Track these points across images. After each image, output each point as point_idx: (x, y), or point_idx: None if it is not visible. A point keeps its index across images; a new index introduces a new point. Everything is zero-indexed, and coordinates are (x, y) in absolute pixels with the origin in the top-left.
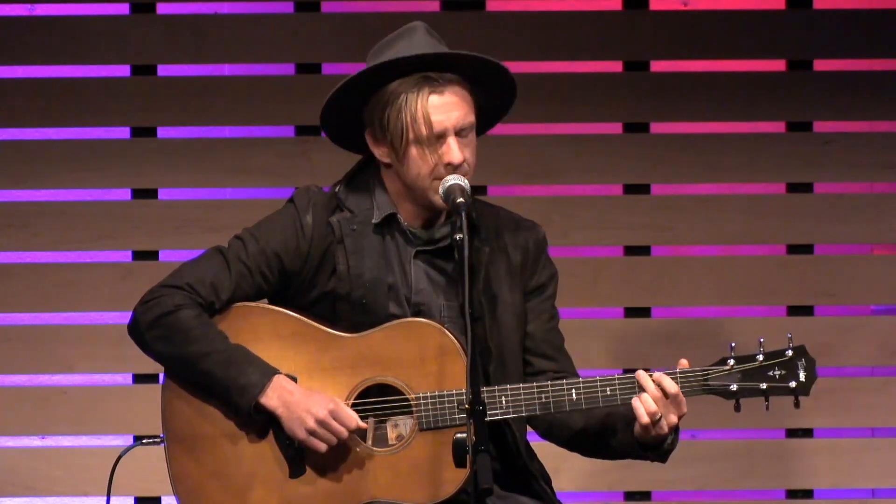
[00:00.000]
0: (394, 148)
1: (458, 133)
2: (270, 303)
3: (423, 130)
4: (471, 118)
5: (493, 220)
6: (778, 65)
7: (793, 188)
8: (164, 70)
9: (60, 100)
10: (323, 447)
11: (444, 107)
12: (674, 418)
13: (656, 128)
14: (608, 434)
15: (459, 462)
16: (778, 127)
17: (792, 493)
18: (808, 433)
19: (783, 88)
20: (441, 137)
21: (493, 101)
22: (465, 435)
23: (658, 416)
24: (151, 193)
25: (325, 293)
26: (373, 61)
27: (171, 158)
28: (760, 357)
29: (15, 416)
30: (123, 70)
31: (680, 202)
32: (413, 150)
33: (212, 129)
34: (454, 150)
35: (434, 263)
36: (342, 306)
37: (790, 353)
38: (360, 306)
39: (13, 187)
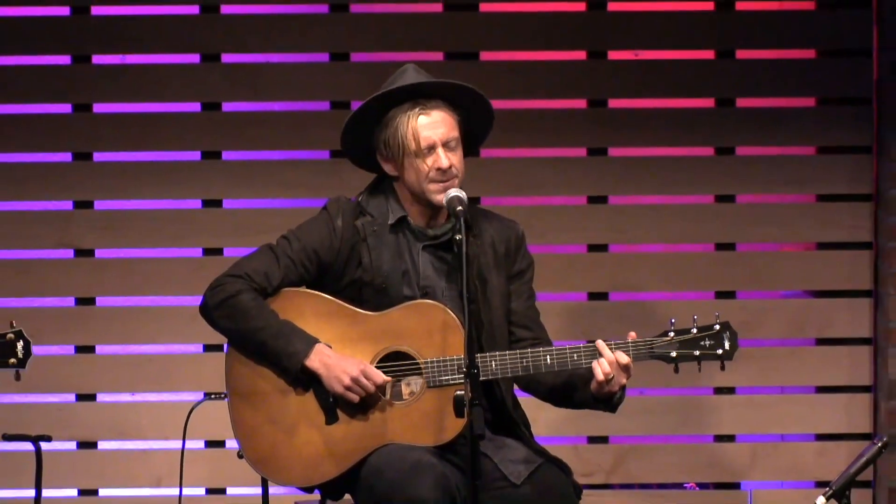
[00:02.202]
0: (396, 162)
1: (445, 145)
2: (310, 288)
3: (414, 145)
4: (455, 133)
5: (482, 220)
6: (708, 102)
7: (720, 199)
8: (227, 107)
9: (146, 129)
10: (356, 399)
11: (431, 125)
12: (623, 380)
13: (613, 152)
14: (571, 390)
15: (458, 413)
16: (708, 151)
17: (719, 438)
18: (731, 391)
19: (713, 121)
20: (431, 149)
21: (477, 124)
22: (463, 392)
23: (611, 377)
24: (217, 203)
25: (353, 280)
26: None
27: (233, 176)
28: (694, 330)
29: (111, 377)
30: (195, 107)
31: (632, 210)
32: (410, 162)
33: (264, 153)
34: (442, 158)
35: (437, 255)
36: (366, 290)
37: (718, 327)
38: (380, 290)
39: (110, 198)
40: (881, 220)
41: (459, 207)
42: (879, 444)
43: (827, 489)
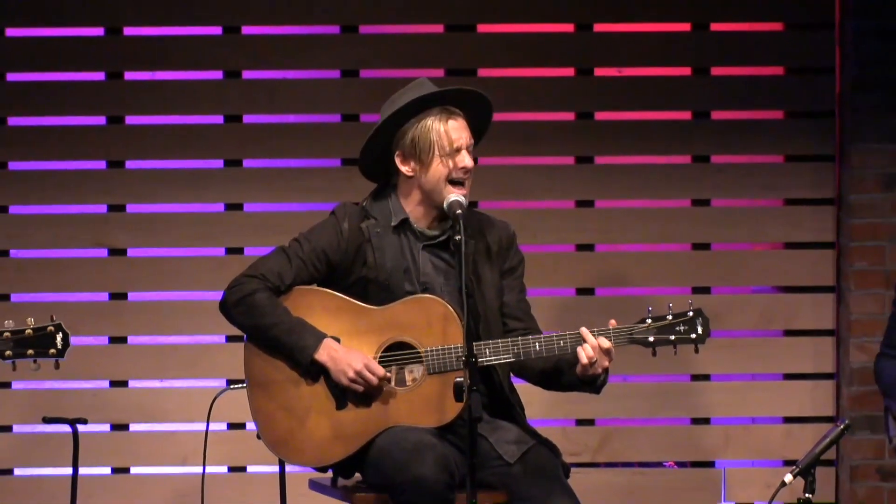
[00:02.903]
0: (421, 161)
1: (468, 148)
2: (319, 286)
3: (446, 145)
4: (472, 140)
5: (477, 221)
6: (685, 115)
7: (696, 203)
8: (247, 119)
9: (173, 139)
10: (360, 391)
11: (459, 129)
12: (605, 363)
13: (599, 160)
14: (559, 373)
15: (458, 398)
16: (685, 159)
17: (695, 420)
18: (706, 377)
19: (689, 132)
20: (458, 150)
21: (479, 125)
22: (461, 379)
23: (594, 361)
24: (238, 207)
25: (359, 278)
26: (389, 109)
27: (253, 182)
28: (670, 317)
29: (141, 365)
30: (218, 119)
31: (616, 213)
32: (437, 160)
33: (281, 161)
34: (467, 158)
35: (436, 253)
36: (371, 287)
37: (691, 313)
38: (384, 286)
39: (141, 202)
40: (843, 222)
41: (459, 211)
42: (842, 427)
43: (794, 467)
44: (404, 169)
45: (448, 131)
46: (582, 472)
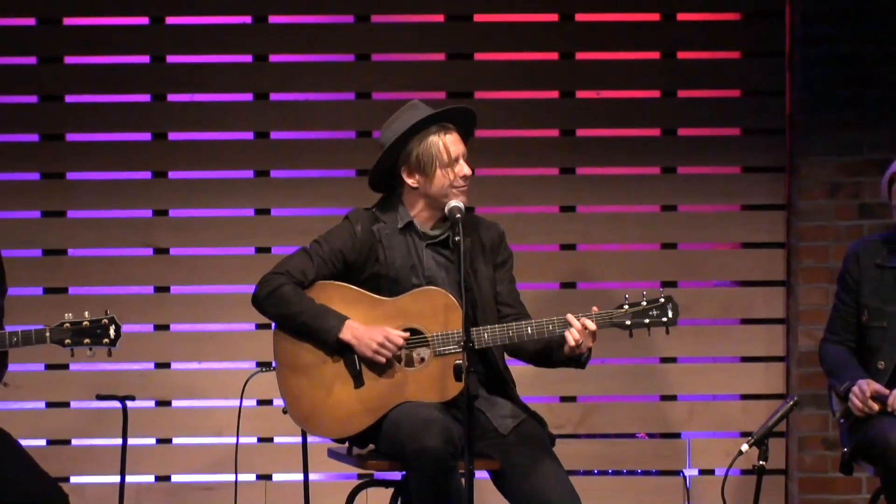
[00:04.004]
0: (425, 173)
1: (464, 157)
2: (337, 280)
3: (446, 157)
4: (466, 150)
5: (471, 223)
6: (655, 132)
7: (665, 209)
8: (274, 135)
9: (210, 153)
10: (383, 360)
11: (455, 142)
12: (589, 343)
13: (580, 171)
14: (549, 353)
15: (458, 378)
16: (655, 170)
17: (663, 397)
18: (673, 360)
19: (659, 146)
20: (457, 160)
21: (466, 131)
22: (461, 361)
23: (580, 342)
24: (266, 212)
25: (372, 273)
26: (388, 130)
27: (279, 190)
28: (644, 303)
29: (181, 350)
30: (249, 135)
31: (595, 217)
32: (439, 171)
33: (303, 172)
34: (466, 167)
35: (437, 251)
36: (383, 281)
37: (662, 299)
38: (393, 280)
39: (182, 207)
40: (792, 225)
41: (458, 215)
42: (791, 403)
43: (750, 438)
44: (410, 181)
45: (447, 145)
46: (565, 442)
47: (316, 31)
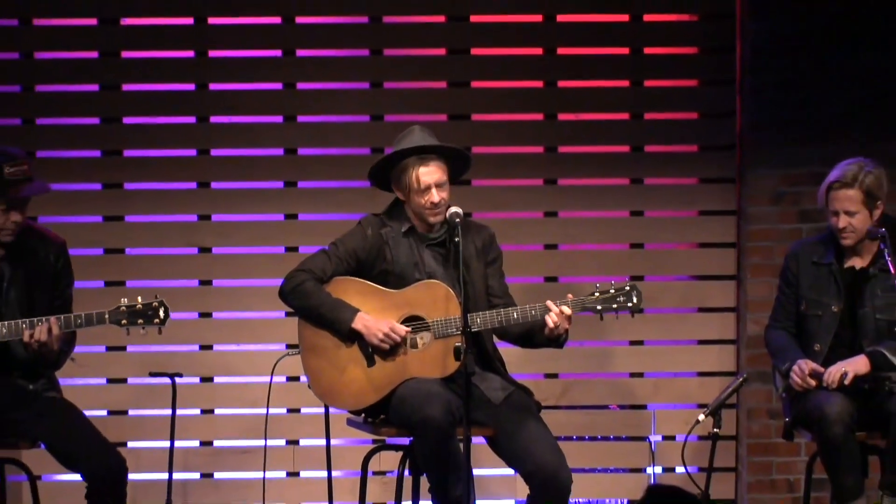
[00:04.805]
0: (403, 193)
1: (438, 186)
2: (352, 276)
3: (416, 185)
4: (444, 177)
5: (466, 225)
6: (625, 148)
7: (633, 214)
8: (301, 151)
9: (247, 166)
10: (387, 348)
11: (429, 173)
12: (566, 326)
13: (561, 182)
14: (532, 335)
15: (457, 358)
16: (625, 181)
17: (632, 374)
18: (640, 342)
19: (629, 161)
20: (427, 189)
21: (459, 166)
22: (459, 343)
23: (558, 325)
24: (294, 217)
25: (381, 270)
26: (396, 145)
27: (305, 198)
28: (612, 290)
29: (221, 334)
30: (279, 151)
31: (574, 221)
32: (413, 196)
33: (325, 183)
34: (434, 195)
35: (436, 250)
36: (390, 276)
37: (628, 287)
38: (399, 276)
39: (223, 213)
40: (742, 228)
41: (457, 219)
42: (741, 379)
43: (706, 409)
44: (399, 196)
45: (419, 176)
46: (548, 413)
47: (336, 63)
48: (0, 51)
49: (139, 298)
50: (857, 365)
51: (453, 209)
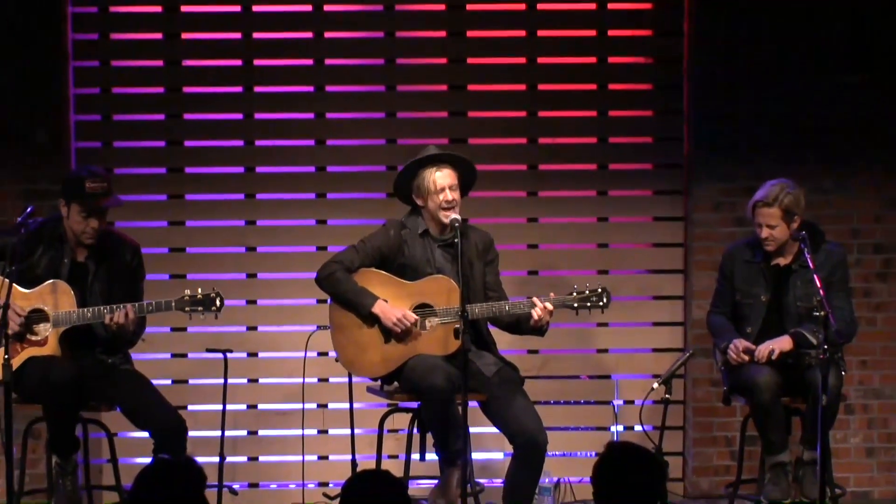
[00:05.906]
0: (423, 198)
1: (451, 188)
2: (375, 268)
3: (433, 187)
4: (455, 182)
5: (469, 230)
6: (593, 167)
7: (600, 219)
8: (330, 169)
9: (286, 181)
10: (399, 331)
11: (444, 177)
12: (547, 318)
13: (542, 194)
14: (519, 324)
15: (456, 338)
16: (593, 193)
17: (599, 350)
18: (606, 325)
19: (596, 177)
20: (443, 190)
21: (468, 178)
22: (459, 327)
23: (542, 318)
24: (324, 223)
25: (399, 264)
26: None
27: (333, 207)
28: (587, 291)
29: (267, 316)
30: (311, 168)
31: (551, 226)
32: (430, 197)
33: (350, 194)
34: (448, 194)
35: (445, 250)
36: (407, 270)
37: (600, 290)
38: (414, 270)
39: (266, 219)
40: (689, 231)
41: (457, 224)
42: (688, 354)
43: (659, 379)
44: (418, 201)
45: (435, 179)
46: (530, 382)
47: (358, 96)
48: (84, 86)
49: (199, 290)
50: (783, 343)
51: (453, 216)
